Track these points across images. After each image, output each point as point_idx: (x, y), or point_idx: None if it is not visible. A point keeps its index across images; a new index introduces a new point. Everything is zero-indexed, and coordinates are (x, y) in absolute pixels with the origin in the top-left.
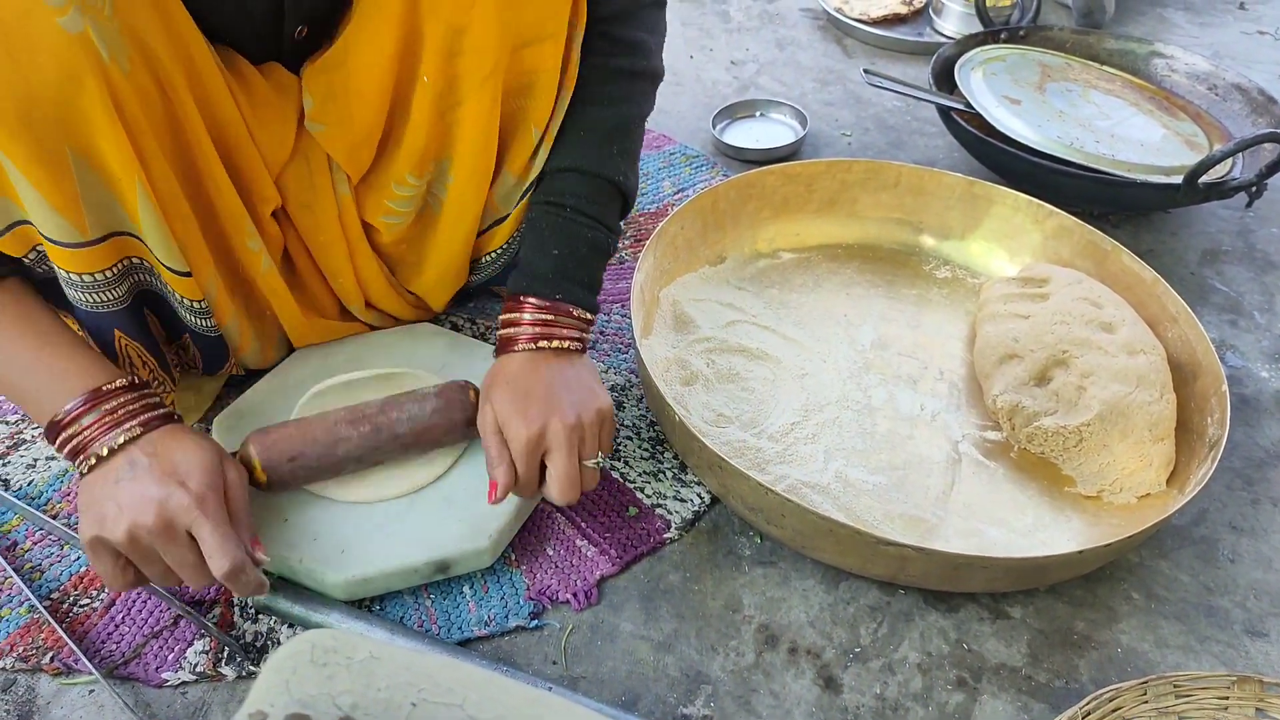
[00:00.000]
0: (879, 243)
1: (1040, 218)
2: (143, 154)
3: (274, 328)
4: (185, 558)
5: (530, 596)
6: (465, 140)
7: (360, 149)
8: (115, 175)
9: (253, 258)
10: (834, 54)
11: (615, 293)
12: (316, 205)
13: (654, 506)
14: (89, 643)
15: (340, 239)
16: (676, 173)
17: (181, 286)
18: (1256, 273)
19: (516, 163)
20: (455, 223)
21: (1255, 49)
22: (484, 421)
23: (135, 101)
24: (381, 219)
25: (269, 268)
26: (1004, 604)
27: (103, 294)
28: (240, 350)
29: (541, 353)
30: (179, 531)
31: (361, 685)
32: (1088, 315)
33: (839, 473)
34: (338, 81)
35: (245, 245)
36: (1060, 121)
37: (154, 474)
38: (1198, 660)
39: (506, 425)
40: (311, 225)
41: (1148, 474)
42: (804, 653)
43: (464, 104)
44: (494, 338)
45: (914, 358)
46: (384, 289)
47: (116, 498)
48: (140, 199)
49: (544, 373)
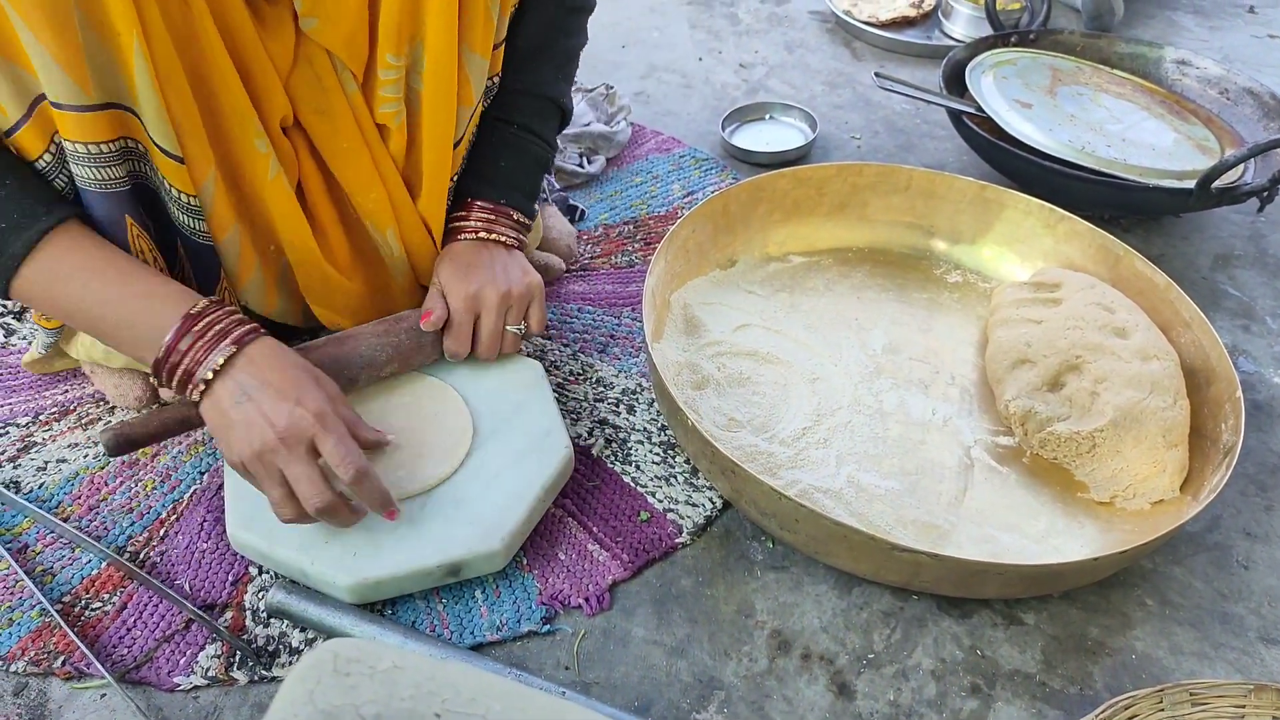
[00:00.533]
0: (890, 246)
1: (1051, 222)
2: (145, 19)
3: (282, 266)
4: (305, 472)
5: (542, 601)
6: (433, 13)
7: (355, 37)
8: (115, 31)
9: (261, 161)
10: (843, 57)
11: (625, 296)
12: (331, 109)
13: (666, 511)
14: (101, 646)
15: (361, 144)
16: (686, 176)
17: (174, 174)
18: (1268, 278)
19: (478, 40)
20: (434, 115)
21: (1266, 53)
22: (430, 291)
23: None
24: (382, 110)
25: (278, 174)
26: (1018, 610)
27: (107, 169)
28: (240, 280)
29: (483, 242)
30: (301, 445)
31: (385, 695)
32: (1100, 320)
33: (851, 477)
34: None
35: (252, 145)
36: (1071, 125)
37: (267, 395)
38: (1212, 667)
39: (447, 286)
40: (329, 131)
41: (1161, 480)
42: (817, 659)
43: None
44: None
45: (925, 362)
46: (409, 211)
47: (237, 422)
48: (137, 60)
49: (484, 254)
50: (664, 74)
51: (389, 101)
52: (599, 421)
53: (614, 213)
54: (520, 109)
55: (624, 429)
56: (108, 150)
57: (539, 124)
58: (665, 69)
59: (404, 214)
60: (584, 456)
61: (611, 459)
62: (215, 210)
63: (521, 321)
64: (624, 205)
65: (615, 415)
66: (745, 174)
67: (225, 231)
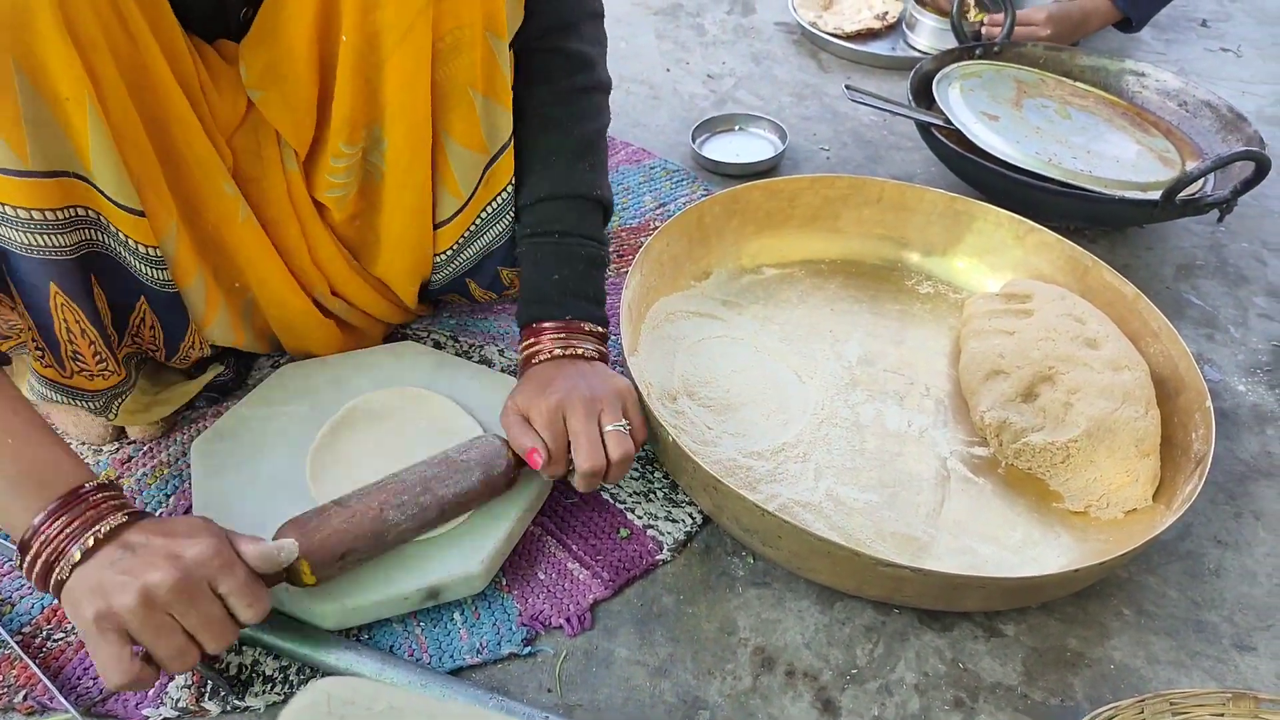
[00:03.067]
0: (862, 258)
1: (1021, 233)
2: (97, 76)
3: (246, 302)
4: (211, 612)
5: (523, 622)
6: (393, 102)
7: (301, 118)
8: (61, 96)
9: (229, 204)
10: (809, 68)
11: None
12: (264, 179)
13: (645, 528)
14: (64, 679)
15: (291, 216)
16: (657, 187)
17: (134, 229)
18: (1230, 287)
19: (463, 132)
20: (400, 191)
21: (1219, 66)
22: (507, 415)
23: (92, 21)
24: (326, 194)
25: (248, 216)
26: (997, 622)
27: (45, 237)
28: (205, 322)
29: (561, 359)
30: (203, 586)
31: None
32: (1072, 331)
33: (830, 491)
34: (272, 48)
35: (220, 190)
36: (1038, 137)
37: (158, 544)
38: (1189, 675)
39: (527, 407)
40: (259, 199)
41: (1134, 489)
42: (801, 675)
43: (387, 63)
44: (479, 356)
45: (900, 374)
46: (345, 273)
47: (120, 571)
48: (91, 121)
49: (564, 369)
50: (632, 85)
51: (335, 186)
52: None
53: None
54: (553, 217)
55: None
56: (54, 219)
57: (580, 224)
58: (633, 80)
59: (338, 275)
60: None
61: None
62: (179, 258)
63: (622, 419)
64: None
65: None
66: (716, 185)
67: (190, 277)
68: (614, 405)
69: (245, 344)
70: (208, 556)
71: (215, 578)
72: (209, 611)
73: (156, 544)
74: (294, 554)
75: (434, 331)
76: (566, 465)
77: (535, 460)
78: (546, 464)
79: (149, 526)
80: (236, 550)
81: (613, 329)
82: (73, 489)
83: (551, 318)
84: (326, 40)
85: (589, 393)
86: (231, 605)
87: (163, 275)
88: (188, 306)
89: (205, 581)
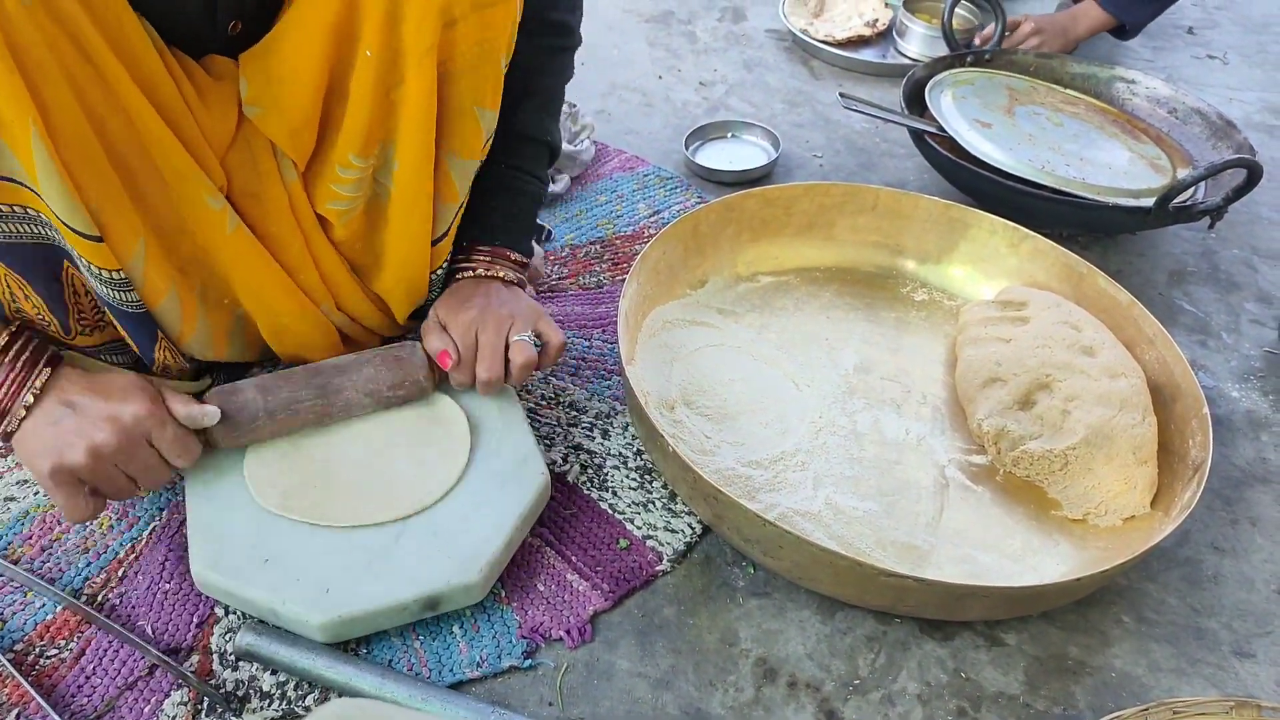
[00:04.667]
0: (857, 265)
1: (1015, 241)
2: (44, 101)
3: (237, 317)
4: (149, 460)
5: (523, 634)
6: (408, 120)
7: (300, 132)
8: (6, 119)
9: (215, 217)
10: (801, 75)
11: (595, 317)
12: (264, 193)
13: (645, 538)
14: (58, 696)
15: (295, 230)
16: (651, 195)
17: (91, 253)
18: (1221, 293)
19: (464, 145)
20: (406, 214)
21: (1206, 73)
22: (427, 323)
23: (38, 43)
24: (330, 206)
25: (237, 226)
26: (999, 631)
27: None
28: (182, 338)
29: (481, 279)
30: (140, 441)
31: None
32: (1068, 339)
33: (829, 500)
34: (273, 65)
35: (204, 204)
36: (1031, 145)
37: (97, 404)
38: (1190, 683)
39: (446, 318)
40: (260, 215)
41: (1132, 496)
42: (803, 686)
43: (406, 81)
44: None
45: (897, 381)
46: (350, 288)
47: (68, 430)
48: (35, 149)
49: (484, 288)
50: (624, 92)
51: (340, 199)
52: (573, 447)
53: (580, 233)
54: (508, 150)
55: (599, 454)
56: (3, 210)
57: (529, 162)
58: (625, 87)
59: (343, 291)
60: (559, 483)
61: (588, 485)
62: (148, 278)
63: (530, 332)
64: (590, 225)
65: (590, 440)
66: (710, 192)
67: (161, 297)
68: (525, 321)
69: (228, 356)
70: (143, 416)
71: (151, 433)
72: (146, 460)
73: (97, 406)
74: (216, 417)
75: None
76: (472, 374)
77: (445, 361)
78: (456, 366)
79: (83, 381)
80: (168, 407)
81: (610, 337)
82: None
83: (483, 240)
84: (341, 59)
85: (504, 309)
86: (164, 454)
87: (128, 297)
88: (160, 324)
89: (143, 437)
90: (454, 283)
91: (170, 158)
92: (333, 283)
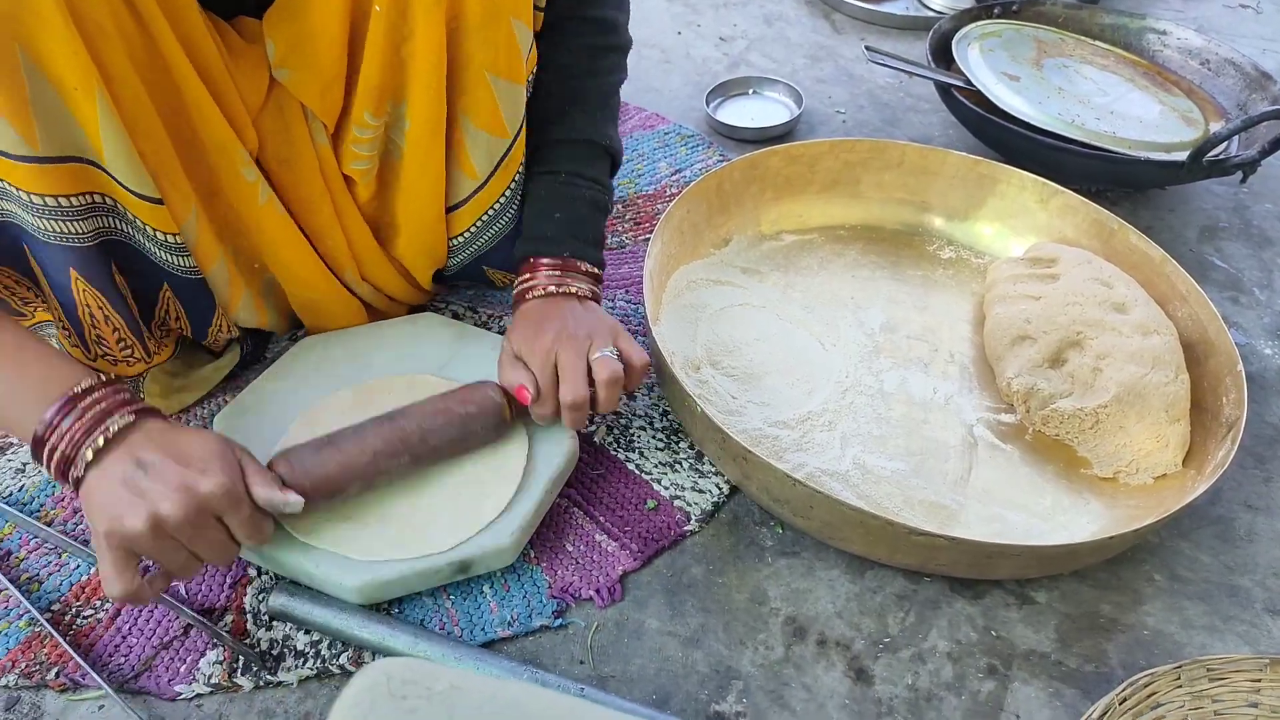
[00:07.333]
0: (882, 223)
1: (1045, 196)
2: (105, 65)
3: (266, 282)
4: (216, 538)
5: (553, 594)
6: (418, 76)
7: (329, 90)
8: (69, 85)
9: (248, 189)
10: (823, 29)
11: (618, 278)
12: (295, 159)
13: (673, 499)
14: (95, 656)
15: (324, 194)
16: (673, 153)
17: (151, 216)
18: (1254, 249)
19: (482, 115)
20: (419, 174)
21: (1238, 23)
22: (502, 355)
23: (100, 7)
24: (352, 165)
25: (269, 199)
26: (1029, 589)
27: (62, 224)
28: (230, 305)
29: (554, 297)
30: (210, 519)
31: (444, 718)
32: (1099, 296)
33: (857, 460)
34: (299, 24)
35: (238, 174)
36: (1060, 98)
37: (170, 465)
38: (1223, 640)
39: (521, 347)
40: (291, 180)
41: (1164, 455)
42: (833, 644)
43: (415, 36)
44: (498, 327)
45: (923, 340)
46: (374, 254)
47: (133, 492)
48: (101, 111)
49: (557, 308)
50: (643, 49)
51: (360, 158)
52: None
53: None
54: (562, 157)
55: (625, 415)
56: (69, 205)
57: (586, 167)
58: (644, 44)
59: (367, 257)
60: (587, 445)
61: (614, 446)
62: (200, 243)
63: (611, 348)
64: None
65: None
66: (731, 150)
67: (213, 262)
68: (604, 338)
69: (269, 324)
70: (219, 494)
71: (223, 512)
72: (213, 538)
73: (171, 471)
74: (299, 508)
75: (452, 303)
76: (556, 403)
77: (524, 396)
78: (536, 400)
79: (161, 439)
80: (247, 486)
81: (634, 297)
82: (79, 385)
83: (550, 254)
84: (359, 13)
85: (580, 330)
86: (234, 534)
87: (186, 262)
88: (213, 290)
89: (213, 515)
90: (523, 304)
91: (210, 125)
92: (358, 248)
